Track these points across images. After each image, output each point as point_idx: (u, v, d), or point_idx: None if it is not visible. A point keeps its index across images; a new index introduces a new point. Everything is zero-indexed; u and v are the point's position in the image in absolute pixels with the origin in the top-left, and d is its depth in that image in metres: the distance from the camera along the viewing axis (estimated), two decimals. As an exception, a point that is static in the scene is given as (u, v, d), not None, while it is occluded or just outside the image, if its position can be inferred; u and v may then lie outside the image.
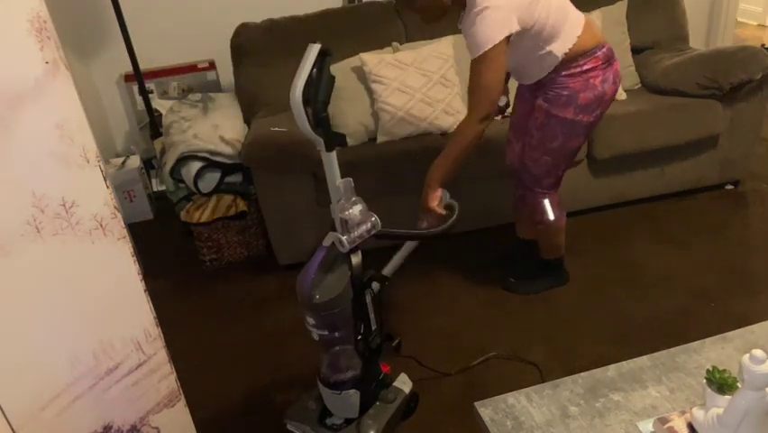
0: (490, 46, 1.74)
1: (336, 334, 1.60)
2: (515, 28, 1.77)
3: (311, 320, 1.57)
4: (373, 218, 1.58)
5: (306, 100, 1.42)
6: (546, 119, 1.96)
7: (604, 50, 1.90)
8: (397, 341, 1.78)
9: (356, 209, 1.54)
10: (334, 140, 1.50)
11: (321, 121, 1.46)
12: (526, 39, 1.84)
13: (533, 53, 1.89)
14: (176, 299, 2.63)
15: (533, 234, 2.39)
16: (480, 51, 1.76)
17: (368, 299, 1.62)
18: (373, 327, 1.67)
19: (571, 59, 1.88)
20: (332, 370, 1.68)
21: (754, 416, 0.98)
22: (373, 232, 1.59)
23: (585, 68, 1.88)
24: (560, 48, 1.87)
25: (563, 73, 1.89)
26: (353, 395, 1.67)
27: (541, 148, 2.02)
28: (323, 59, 1.43)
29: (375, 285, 1.64)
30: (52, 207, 1.17)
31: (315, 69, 1.42)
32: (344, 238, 1.51)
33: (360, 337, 1.61)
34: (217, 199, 2.74)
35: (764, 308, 2.20)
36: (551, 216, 2.16)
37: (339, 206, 1.53)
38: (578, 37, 1.87)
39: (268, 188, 2.54)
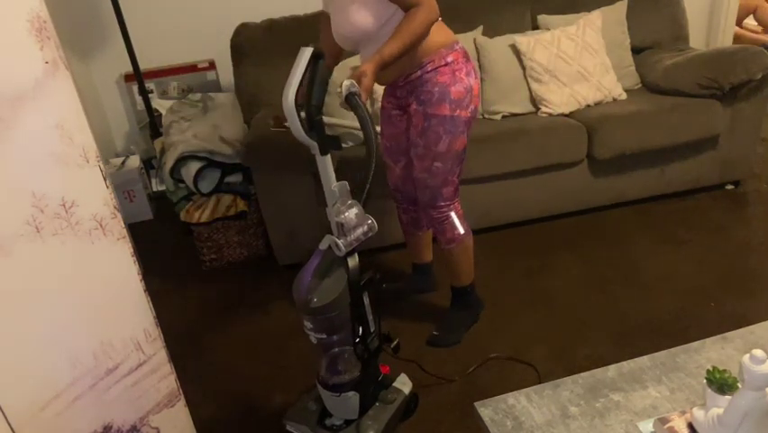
0: None
1: (334, 337, 1.60)
2: None
3: (309, 324, 1.57)
4: (369, 221, 1.57)
5: (300, 104, 1.42)
6: (426, 122, 1.88)
7: (460, 44, 1.88)
8: (395, 342, 1.78)
9: (352, 212, 1.53)
10: (329, 143, 1.50)
11: (315, 124, 1.45)
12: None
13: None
14: (176, 299, 2.63)
15: (429, 254, 2.37)
16: None
17: (366, 301, 1.62)
18: (372, 329, 1.67)
19: (433, 50, 1.82)
20: (330, 372, 1.68)
21: (755, 416, 0.98)
22: (370, 234, 1.59)
23: (448, 59, 1.83)
24: None
25: (429, 68, 1.83)
26: (352, 397, 1.67)
27: (429, 155, 1.92)
28: (315, 62, 1.43)
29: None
30: (52, 207, 1.17)
31: (307, 72, 1.42)
32: (341, 241, 1.50)
33: (358, 340, 1.61)
34: (217, 199, 2.74)
35: (764, 308, 2.20)
36: (461, 230, 2.04)
37: (335, 209, 1.53)
38: (442, 29, 1.84)
39: (268, 188, 2.54)
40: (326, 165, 1.52)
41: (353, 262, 1.55)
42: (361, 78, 1.62)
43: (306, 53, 1.41)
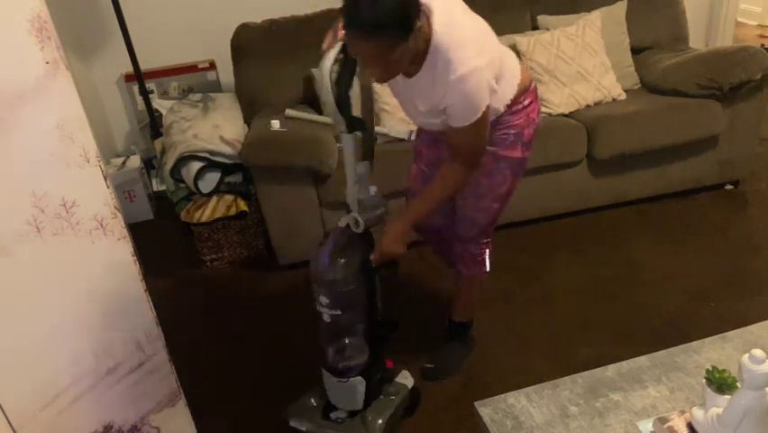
0: (483, 109, 1.56)
1: (348, 314, 1.62)
2: (494, 86, 1.58)
3: (324, 299, 1.58)
4: (387, 204, 1.62)
5: (334, 80, 1.45)
6: (495, 163, 1.75)
7: (534, 83, 1.77)
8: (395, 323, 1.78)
9: (372, 190, 1.59)
10: (354, 123, 1.53)
11: (343, 102, 1.48)
12: None
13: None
14: (176, 299, 2.63)
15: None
16: (475, 117, 1.56)
17: (377, 284, 1.64)
18: (379, 316, 1.69)
19: (516, 96, 1.70)
20: (339, 357, 1.69)
21: (754, 416, 0.98)
22: (387, 218, 1.63)
23: (526, 102, 1.72)
24: (508, 85, 1.68)
25: (507, 112, 1.71)
26: (359, 383, 1.68)
27: (490, 195, 1.81)
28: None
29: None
30: (52, 207, 1.17)
31: (342, 52, 1.44)
32: (360, 218, 1.55)
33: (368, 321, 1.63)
34: (217, 199, 2.74)
35: (764, 308, 2.20)
36: (487, 267, 1.99)
37: (355, 187, 1.57)
38: (521, 73, 1.71)
39: (268, 188, 2.54)
40: (350, 144, 1.56)
41: (370, 241, 1.59)
42: (388, 253, 1.60)
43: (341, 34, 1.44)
